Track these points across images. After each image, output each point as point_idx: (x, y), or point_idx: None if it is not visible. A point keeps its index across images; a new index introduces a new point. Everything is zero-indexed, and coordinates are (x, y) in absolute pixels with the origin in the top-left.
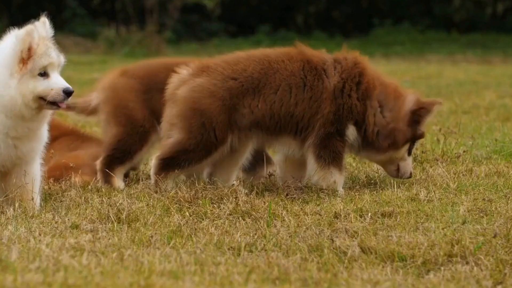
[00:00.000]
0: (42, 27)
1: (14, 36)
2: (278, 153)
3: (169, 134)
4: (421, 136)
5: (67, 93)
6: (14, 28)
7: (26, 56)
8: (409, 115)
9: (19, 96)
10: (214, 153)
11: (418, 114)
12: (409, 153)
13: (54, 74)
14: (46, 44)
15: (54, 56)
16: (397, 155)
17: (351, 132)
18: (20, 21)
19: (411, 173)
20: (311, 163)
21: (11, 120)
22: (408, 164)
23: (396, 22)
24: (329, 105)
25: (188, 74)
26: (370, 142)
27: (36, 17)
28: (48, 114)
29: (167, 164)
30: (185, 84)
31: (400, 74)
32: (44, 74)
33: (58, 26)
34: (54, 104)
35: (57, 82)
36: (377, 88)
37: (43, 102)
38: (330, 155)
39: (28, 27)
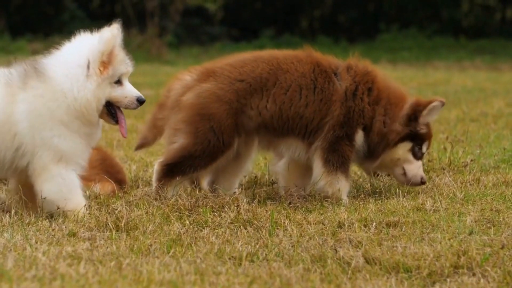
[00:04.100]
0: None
1: (97, 36)
2: (281, 161)
3: (173, 140)
4: (424, 135)
5: (140, 101)
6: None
7: (107, 60)
8: (405, 116)
9: (93, 100)
10: (220, 158)
11: (414, 110)
12: (416, 156)
13: (126, 82)
14: (123, 51)
15: (130, 65)
16: (394, 156)
17: (359, 137)
18: (18, 22)
19: (422, 178)
20: (318, 168)
21: (87, 127)
22: (416, 167)
23: (402, 27)
24: (339, 108)
25: (192, 80)
26: (370, 151)
27: (34, 18)
28: None
29: (171, 170)
30: (190, 90)
31: (406, 81)
32: (118, 81)
33: (57, 28)
34: (114, 117)
35: (131, 91)
36: (384, 97)
37: (106, 110)
38: (338, 159)
39: (113, 30)
